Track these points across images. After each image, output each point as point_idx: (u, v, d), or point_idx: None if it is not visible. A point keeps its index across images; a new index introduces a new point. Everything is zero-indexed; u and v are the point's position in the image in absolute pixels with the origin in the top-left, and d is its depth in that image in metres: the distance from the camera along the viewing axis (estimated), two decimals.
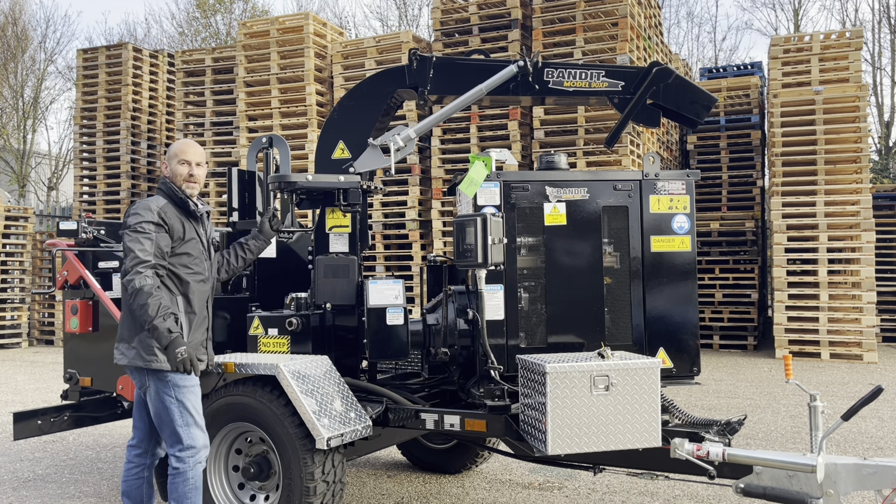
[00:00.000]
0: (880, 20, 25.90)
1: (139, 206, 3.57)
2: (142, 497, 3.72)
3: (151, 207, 3.55)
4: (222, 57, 13.71)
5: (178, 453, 3.54)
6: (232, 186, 4.83)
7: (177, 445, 3.55)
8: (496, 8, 11.42)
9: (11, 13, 26.61)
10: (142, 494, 3.73)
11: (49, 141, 45.54)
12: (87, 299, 4.52)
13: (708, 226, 12.75)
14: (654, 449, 3.55)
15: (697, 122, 4.35)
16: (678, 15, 40.98)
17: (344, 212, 4.33)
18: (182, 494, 3.54)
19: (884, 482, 3.27)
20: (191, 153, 3.71)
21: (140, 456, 3.73)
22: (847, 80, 11.26)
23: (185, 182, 3.67)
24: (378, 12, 47.50)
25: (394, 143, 4.35)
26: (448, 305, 4.12)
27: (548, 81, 4.40)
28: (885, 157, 22.27)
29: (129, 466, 3.73)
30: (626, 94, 4.32)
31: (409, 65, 4.53)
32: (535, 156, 10.93)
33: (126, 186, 14.74)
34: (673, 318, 3.97)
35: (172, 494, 3.56)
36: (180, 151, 3.71)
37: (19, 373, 10.92)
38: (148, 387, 3.56)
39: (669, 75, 4.26)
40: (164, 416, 3.54)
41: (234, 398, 3.90)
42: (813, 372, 9.96)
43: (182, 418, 3.53)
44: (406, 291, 4.15)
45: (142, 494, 3.73)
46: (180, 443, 3.54)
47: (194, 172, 3.69)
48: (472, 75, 4.46)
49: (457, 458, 5.35)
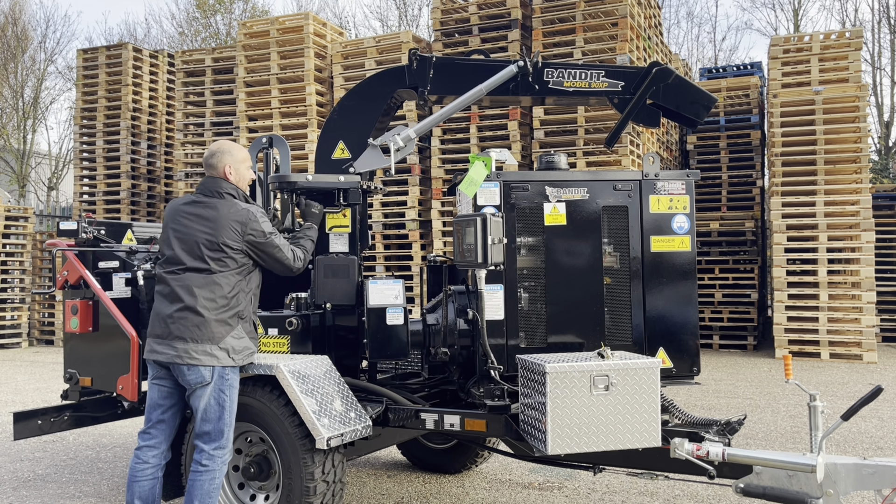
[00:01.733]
0: (880, 20, 25.91)
1: (255, 213, 3.71)
2: (154, 497, 3.70)
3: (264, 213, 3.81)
4: (222, 57, 13.71)
5: (213, 451, 3.57)
6: None
7: (213, 443, 3.58)
8: (496, 8, 11.42)
9: (11, 13, 26.62)
10: (154, 495, 3.71)
11: (49, 141, 45.62)
12: (87, 299, 4.52)
13: (708, 226, 12.75)
14: (654, 449, 3.56)
15: (697, 122, 4.36)
16: (678, 15, 41.04)
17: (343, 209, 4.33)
18: (206, 493, 3.55)
19: (884, 482, 3.27)
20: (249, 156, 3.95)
21: (157, 456, 3.71)
22: (847, 80, 11.26)
23: (248, 187, 3.90)
24: (378, 12, 47.51)
25: (394, 144, 4.35)
26: (448, 305, 4.12)
27: (548, 81, 4.40)
28: (885, 157, 22.26)
29: (143, 467, 3.68)
30: (625, 94, 4.32)
31: (409, 65, 4.53)
32: (535, 156, 10.93)
33: (126, 186, 14.74)
34: (673, 318, 3.97)
35: (197, 492, 3.55)
36: (247, 158, 3.89)
37: (19, 373, 10.92)
38: (207, 384, 3.56)
39: (669, 75, 4.26)
40: (213, 413, 3.57)
41: None
42: (813, 372, 9.97)
43: (229, 417, 3.62)
44: (406, 291, 4.15)
45: (154, 495, 3.71)
46: (218, 440, 3.58)
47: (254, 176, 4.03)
48: (472, 75, 4.46)
49: (457, 458, 5.35)
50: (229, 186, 3.76)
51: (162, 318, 3.62)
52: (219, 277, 3.61)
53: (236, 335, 3.64)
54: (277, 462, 3.82)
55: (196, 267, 3.60)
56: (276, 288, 4.48)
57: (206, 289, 3.58)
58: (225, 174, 3.77)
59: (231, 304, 3.63)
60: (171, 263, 3.67)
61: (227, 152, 3.80)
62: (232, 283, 3.64)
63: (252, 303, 3.78)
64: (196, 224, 3.65)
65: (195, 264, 3.60)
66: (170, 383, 3.69)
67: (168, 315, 3.59)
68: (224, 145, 3.84)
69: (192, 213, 3.70)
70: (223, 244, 3.61)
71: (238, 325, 3.66)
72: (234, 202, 3.71)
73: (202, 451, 3.59)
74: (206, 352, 3.55)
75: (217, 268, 3.61)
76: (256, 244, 3.69)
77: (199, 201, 3.73)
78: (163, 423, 3.72)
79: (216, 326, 3.58)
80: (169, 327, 3.58)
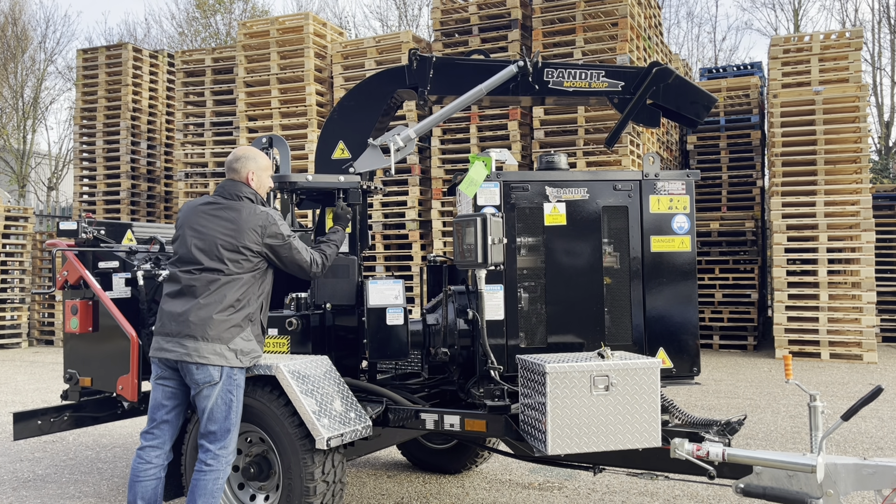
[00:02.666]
0: (880, 20, 25.92)
1: (275, 216, 3.74)
2: (156, 497, 3.71)
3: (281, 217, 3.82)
4: (222, 57, 13.71)
5: (218, 451, 3.58)
6: None
7: (219, 443, 3.58)
8: (496, 8, 11.42)
9: (11, 13, 26.61)
10: (157, 495, 3.71)
11: (49, 141, 45.59)
12: (87, 299, 4.52)
13: (708, 226, 12.75)
14: (654, 449, 3.56)
15: (697, 122, 4.35)
16: (678, 15, 41.04)
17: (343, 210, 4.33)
18: (210, 493, 3.55)
19: (884, 482, 3.27)
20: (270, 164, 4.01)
21: (160, 457, 3.71)
22: (847, 80, 11.26)
23: (266, 195, 3.94)
24: (378, 12, 47.50)
25: (394, 144, 4.35)
26: (448, 305, 4.12)
27: (548, 81, 4.40)
28: (885, 157, 22.26)
29: (146, 467, 3.68)
30: (625, 94, 4.32)
31: (409, 65, 4.53)
32: (535, 156, 10.93)
33: (126, 186, 14.74)
34: (673, 318, 3.97)
35: (200, 492, 3.55)
36: (269, 166, 3.94)
37: (19, 373, 10.92)
38: (216, 384, 3.56)
39: (669, 75, 4.26)
40: (220, 413, 3.58)
41: None
42: (813, 372, 9.96)
43: (235, 418, 3.63)
44: (406, 291, 4.15)
45: (157, 495, 3.71)
46: (223, 440, 3.58)
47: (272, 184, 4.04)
48: (472, 75, 4.46)
49: (457, 458, 5.35)
50: (249, 191, 3.78)
51: (173, 317, 3.62)
52: (234, 279, 3.63)
53: (246, 337, 3.66)
54: (277, 462, 3.81)
55: (213, 267, 3.61)
56: (276, 288, 4.48)
57: (221, 290, 3.60)
58: (247, 179, 3.80)
59: (243, 307, 3.65)
60: (186, 263, 3.67)
61: (251, 158, 3.84)
62: (245, 286, 3.66)
63: (263, 307, 3.79)
64: (216, 225, 3.66)
65: (212, 265, 3.61)
66: (174, 383, 3.69)
67: (180, 313, 3.59)
68: (249, 151, 3.88)
69: (212, 213, 3.70)
70: (243, 247, 3.63)
71: (248, 327, 3.68)
72: (254, 206, 3.74)
73: (207, 451, 3.59)
74: (215, 351, 3.55)
75: (233, 269, 3.62)
76: (275, 247, 3.71)
77: (218, 203, 3.74)
78: (166, 423, 3.72)
79: (227, 327, 3.59)
80: (180, 326, 3.58)
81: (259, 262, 3.71)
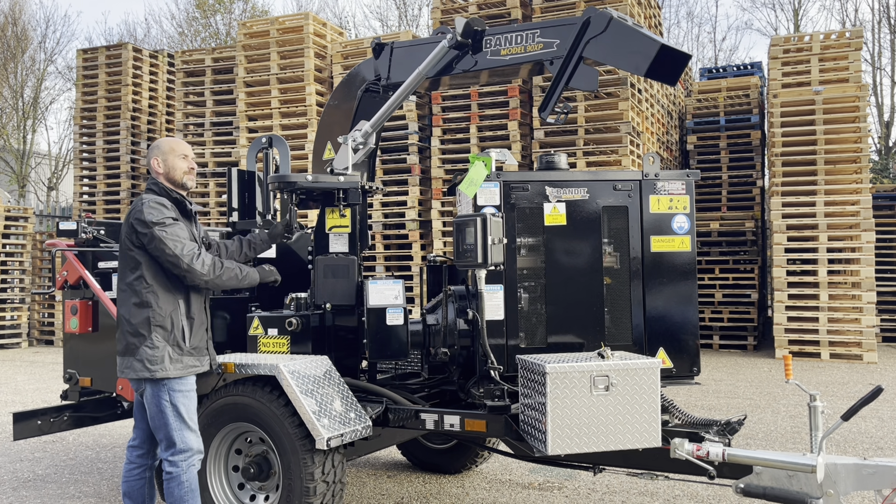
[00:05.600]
0: (880, 20, 25.91)
1: (151, 202, 3.49)
2: (143, 497, 3.73)
3: (165, 203, 3.54)
4: (222, 57, 13.71)
5: (171, 457, 3.54)
6: (232, 187, 4.83)
7: (170, 449, 3.55)
8: (496, 8, 11.42)
9: (11, 13, 26.62)
10: (143, 495, 3.73)
11: (49, 141, 45.62)
12: (87, 299, 4.52)
13: (708, 226, 12.75)
14: (654, 449, 3.55)
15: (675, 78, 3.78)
16: (678, 15, 41.06)
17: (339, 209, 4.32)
18: (178, 498, 3.54)
19: (884, 482, 3.27)
20: (186, 147, 3.74)
21: (142, 457, 3.73)
22: (847, 80, 11.26)
23: (185, 175, 3.68)
24: (378, 12, 47.49)
25: (353, 140, 4.35)
26: (448, 305, 4.12)
27: (486, 52, 4.18)
28: (885, 157, 22.27)
29: (130, 467, 3.73)
30: (561, 53, 3.97)
31: (375, 56, 4.49)
32: (535, 156, 10.92)
33: (126, 186, 14.74)
34: (673, 318, 3.96)
35: (169, 499, 3.56)
36: (176, 146, 3.70)
37: (19, 373, 10.92)
38: (144, 390, 3.56)
39: (604, 21, 3.77)
40: (159, 420, 3.54)
41: (233, 398, 3.90)
42: (813, 372, 9.96)
43: (176, 422, 3.53)
44: (406, 291, 4.15)
45: (143, 495, 3.73)
46: (174, 446, 3.54)
47: (193, 165, 3.74)
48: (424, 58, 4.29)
49: (457, 458, 5.35)
50: (152, 181, 3.67)
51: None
52: (129, 285, 3.52)
53: (150, 345, 3.46)
54: (277, 462, 3.81)
55: (120, 275, 3.59)
56: (276, 288, 4.48)
57: (124, 296, 3.55)
58: (155, 168, 3.66)
59: (140, 312, 3.48)
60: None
61: (155, 146, 3.70)
62: (139, 289, 3.49)
63: (180, 305, 3.55)
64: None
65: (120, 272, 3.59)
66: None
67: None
68: (157, 141, 3.75)
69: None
70: (124, 244, 3.54)
71: (152, 333, 3.47)
72: (141, 196, 3.59)
73: (164, 459, 3.58)
74: (128, 365, 3.53)
75: (127, 274, 3.53)
76: (140, 234, 3.45)
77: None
78: (142, 424, 3.74)
79: (130, 338, 3.50)
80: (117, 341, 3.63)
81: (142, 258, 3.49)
